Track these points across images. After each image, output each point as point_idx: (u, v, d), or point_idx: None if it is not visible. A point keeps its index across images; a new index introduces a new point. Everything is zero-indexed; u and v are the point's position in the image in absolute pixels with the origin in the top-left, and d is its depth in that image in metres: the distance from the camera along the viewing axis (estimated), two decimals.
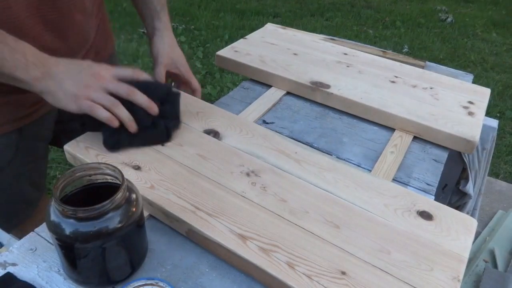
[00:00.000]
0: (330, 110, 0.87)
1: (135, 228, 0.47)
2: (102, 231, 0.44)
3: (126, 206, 0.46)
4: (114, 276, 0.49)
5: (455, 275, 0.50)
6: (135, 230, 0.48)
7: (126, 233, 0.46)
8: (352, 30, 3.52)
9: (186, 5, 3.73)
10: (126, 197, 0.46)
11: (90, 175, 0.48)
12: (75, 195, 0.48)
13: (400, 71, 0.95)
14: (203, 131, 0.71)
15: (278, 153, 0.68)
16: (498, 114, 2.50)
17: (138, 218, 0.48)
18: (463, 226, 0.57)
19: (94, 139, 0.66)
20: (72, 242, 0.44)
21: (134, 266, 0.51)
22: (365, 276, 0.49)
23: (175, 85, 0.87)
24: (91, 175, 0.49)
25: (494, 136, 0.95)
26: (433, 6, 4.17)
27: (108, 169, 0.48)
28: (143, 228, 0.51)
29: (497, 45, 3.44)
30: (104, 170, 0.48)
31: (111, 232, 0.44)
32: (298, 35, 1.09)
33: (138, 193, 0.49)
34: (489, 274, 1.31)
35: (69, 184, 0.47)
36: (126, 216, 0.45)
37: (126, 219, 0.45)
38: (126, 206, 0.46)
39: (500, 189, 1.88)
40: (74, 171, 0.47)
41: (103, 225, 0.44)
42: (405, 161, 0.74)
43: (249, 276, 0.52)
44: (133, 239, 0.49)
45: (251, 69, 0.94)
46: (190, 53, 2.92)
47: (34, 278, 0.50)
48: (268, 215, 0.56)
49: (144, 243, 0.53)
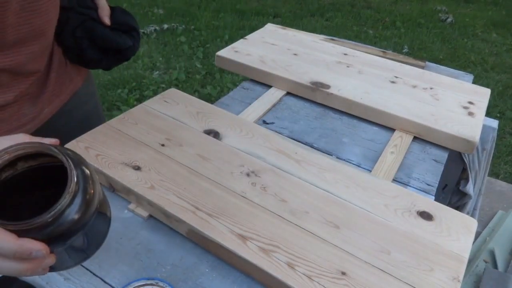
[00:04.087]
0: (330, 110, 0.87)
1: (97, 214, 0.36)
2: (57, 236, 0.33)
3: (81, 194, 0.34)
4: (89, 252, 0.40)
5: (455, 275, 0.50)
6: (98, 214, 0.37)
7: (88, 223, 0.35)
8: (352, 31, 3.52)
9: (186, 5, 3.73)
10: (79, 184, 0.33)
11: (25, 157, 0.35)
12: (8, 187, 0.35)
13: (400, 71, 0.95)
14: (203, 131, 0.71)
15: (278, 154, 0.68)
16: (498, 115, 2.50)
17: (100, 200, 0.36)
18: (463, 226, 0.57)
19: (94, 139, 0.66)
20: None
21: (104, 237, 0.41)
22: (365, 276, 0.49)
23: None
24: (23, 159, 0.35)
25: (494, 137, 0.95)
26: (433, 6, 4.17)
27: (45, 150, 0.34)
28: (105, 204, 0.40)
29: (497, 45, 3.44)
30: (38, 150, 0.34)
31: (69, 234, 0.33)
32: (298, 35, 1.09)
33: (90, 166, 0.36)
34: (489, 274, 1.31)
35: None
36: (83, 205, 0.34)
37: (85, 209, 0.34)
38: (81, 194, 0.34)
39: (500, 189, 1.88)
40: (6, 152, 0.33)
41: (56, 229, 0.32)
42: (405, 161, 0.74)
43: (249, 276, 0.52)
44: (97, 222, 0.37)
45: (251, 69, 0.94)
46: (190, 53, 2.93)
47: (34, 278, 0.50)
48: (268, 215, 0.56)
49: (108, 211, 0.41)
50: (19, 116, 0.66)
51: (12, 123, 0.66)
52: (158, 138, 0.69)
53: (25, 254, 0.30)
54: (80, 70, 0.77)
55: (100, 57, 0.72)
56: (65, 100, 0.74)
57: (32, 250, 0.31)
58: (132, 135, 0.69)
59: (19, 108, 0.66)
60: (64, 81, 0.73)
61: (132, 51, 0.74)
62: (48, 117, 0.71)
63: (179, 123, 0.73)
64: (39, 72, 0.66)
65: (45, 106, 0.70)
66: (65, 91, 0.74)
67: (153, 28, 3.18)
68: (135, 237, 0.56)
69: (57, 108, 0.73)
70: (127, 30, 0.73)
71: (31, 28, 0.58)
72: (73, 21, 0.68)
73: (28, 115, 0.67)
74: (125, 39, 0.72)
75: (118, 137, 0.68)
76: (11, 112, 0.65)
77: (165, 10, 3.59)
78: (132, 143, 0.67)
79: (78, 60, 0.73)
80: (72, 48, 0.70)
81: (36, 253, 0.31)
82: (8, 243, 0.30)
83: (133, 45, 0.73)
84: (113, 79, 2.52)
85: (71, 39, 0.69)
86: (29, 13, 0.57)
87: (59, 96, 0.73)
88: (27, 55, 0.60)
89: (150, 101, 0.78)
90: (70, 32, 0.69)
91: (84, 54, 0.71)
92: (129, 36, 0.73)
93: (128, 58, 0.76)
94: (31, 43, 0.60)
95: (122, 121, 0.72)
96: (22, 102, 0.66)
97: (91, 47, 0.70)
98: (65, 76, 0.73)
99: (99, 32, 0.69)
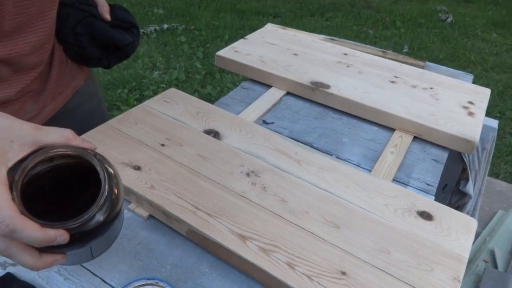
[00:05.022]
0: (330, 110, 0.87)
1: (118, 214, 0.39)
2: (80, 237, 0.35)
3: (109, 201, 0.36)
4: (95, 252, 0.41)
5: (455, 275, 0.50)
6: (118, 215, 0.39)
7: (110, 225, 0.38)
8: (352, 30, 3.52)
9: (186, 5, 3.73)
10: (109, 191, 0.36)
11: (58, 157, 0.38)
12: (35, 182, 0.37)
13: (400, 71, 0.95)
14: (203, 131, 0.71)
15: (278, 153, 0.68)
16: (498, 114, 2.50)
17: (121, 205, 0.39)
18: (463, 226, 0.57)
19: (94, 139, 0.66)
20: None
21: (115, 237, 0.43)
22: (365, 276, 0.49)
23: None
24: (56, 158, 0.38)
25: (494, 136, 0.95)
26: (433, 6, 4.17)
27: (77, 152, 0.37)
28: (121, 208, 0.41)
29: (497, 45, 3.44)
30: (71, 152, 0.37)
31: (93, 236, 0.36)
32: (298, 35, 1.09)
33: (115, 169, 0.39)
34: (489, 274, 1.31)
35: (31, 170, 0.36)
36: (111, 206, 0.37)
37: (110, 211, 0.37)
38: (109, 201, 0.36)
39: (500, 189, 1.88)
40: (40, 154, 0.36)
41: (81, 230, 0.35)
42: (405, 161, 0.74)
43: (249, 277, 0.52)
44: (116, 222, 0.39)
45: (251, 69, 0.94)
46: (190, 53, 2.93)
47: (34, 278, 0.50)
48: (268, 215, 0.56)
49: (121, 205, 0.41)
50: (22, 113, 0.67)
51: None
52: (158, 138, 0.69)
53: (50, 241, 0.33)
54: (81, 69, 0.78)
55: (100, 55, 0.73)
56: (67, 98, 0.75)
57: (57, 236, 0.33)
58: (132, 135, 0.69)
59: (22, 105, 0.66)
60: (66, 79, 0.74)
61: (132, 48, 0.75)
62: (50, 114, 0.72)
63: (179, 123, 0.73)
64: (39, 67, 0.66)
65: (48, 103, 0.70)
66: (67, 89, 0.74)
67: (153, 28, 3.19)
68: (135, 237, 0.56)
69: (60, 105, 0.73)
70: (127, 27, 0.73)
71: (27, 17, 0.59)
72: (73, 17, 0.69)
73: (31, 113, 0.68)
74: (125, 36, 0.72)
75: (118, 137, 0.68)
76: (14, 109, 0.65)
77: (165, 10, 3.59)
78: (132, 143, 0.67)
79: (78, 58, 0.73)
80: (72, 45, 0.70)
81: (59, 239, 0.34)
82: (36, 232, 0.33)
83: (133, 42, 0.74)
84: (113, 79, 2.52)
85: (71, 35, 0.69)
86: (25, 1, 0.57)
87: (61, 93, 0.73)
88: (25, 45, 0.61)
89: (150, 101, 0.78)
90: (70, 29, 0.69)
91: (84, 51, 0.71)
92: (129, 33, 0.74)
93: (128, 55, 0.76)
94: (27, 33, 0.60)
95: (122, 121, 0.72)
96: (25, 100, 0.67)
97: (91, 44, 0.71)
98: (67, 74, 0.74)
99: (99, 28, 0.70)
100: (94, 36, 0.70)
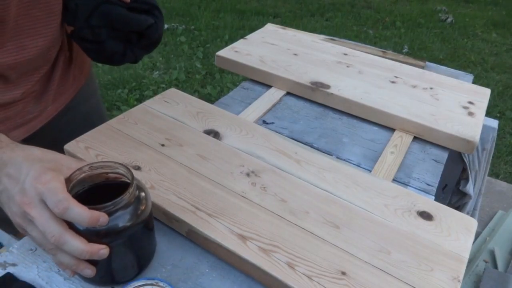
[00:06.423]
0: (330, 110, 0.87)
1: (143, 228, 0.47)
2: (110, 230, 0.43)
3: (135, 204, 0.45)
4: (118, 276, 0.49)
5: (455, 275, 0.50)
6: (144, 230, 0.47)
7: (135, 233, 0.45)
8: (352, 30, 3.52)
9: (186, 5, 3.73)
10: (135, 195, 0.45)
11: (103, 173, 0.47)
12: (82, 194, 0.46)
13: (400, 71, 0.95)
14: (203, 131, 0.71)
15: (278, 153, 0.68)
16: (498, 114, 2.50)
17: (147, 218, 0.47)
18: (463, 226, 0.57)
19: (94, 139, 0.66)
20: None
21: (139, 268, 0.50)
22: (365, 276, 0.49)
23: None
24: (100, 174, 0.47)
25: (494, 136, 0.95)
26: (433, 6, 4.18)
27: (119, 168, 0.46)
28: (152, 229, 0.51)
29: (497, 45, 3.44)
30: (116, 169, 0.47)
31: (119, 231, 0.44)
32: (298, 35, 1.09)
33: (147, 192, 0.48)
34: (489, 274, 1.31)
35: (80, 182, 0.46)
36: (135, 215, 0.45)
37: (135, 218, 0.45)
38: (135, 205, 0.45)
39: (500, 189, 1.88)
40: (91, 167, 0.46)
41: (112, 224, 0.43)
42: (405, 161, 0.74)
43: (249, 277, 0.52)
44: (141, 239, 0.48)
45: (251, 69, 0.94)
46: (190, 53, 2.93)
47: (34, 278, 0.50)
48: (268, 215, 0.56)
49: (152, 245, 0.52)
50: (24, 114, 0.67)
51: (17, 121, 0.66)
52: (158, 138, 0.69)
53: (96, 219, 0.40)
54: (83, 69, 0.78)
55: (123, 48, 0.66)
56: (68, 99, 0.75)
57: (100, 215, 0.41)
58: (132, 135, 0.69)
59: (24, 106, 0.66)
60: (68, 80, 0.73)
61: (156, 30, 0.66)
62: (51, 115, 0.72)
63: (179, 123, 0.73)
64: (44, 68, 0.66)
65: (49, 104, 0.70)
66: (68, 90, 0.74)
67: None
68: None
69: (61, 106, 0.73)
70: (147, 10, 0.65)
71: (34, 19, 0.58)
72: (83, 7, 0.61)
73: (32, 113, 0.68)
74: (146, 18, 0.64)
75: (118, 137, 0.68)
76: (17, 110, 0.65)
77: (165, 10, 3.59)
78: (132, 143, 0.67)
79: (100, 57, 0.66)
80: (90, 41, 0.63)
81: (102, 219, 0.41)
82: (84, 211, 0.40)
83: (156, 24, 0.66)
84: (113, 79, 2.52)
85: (86, 30, 0.62)
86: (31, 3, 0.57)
87: (63, 94, 0.73)
88: (33, 49, 0.60)
89: (150, 101, 0.78)
90: (83, 22, 0.61)
91: (105, 46, 0.64)
92: (150, 16, 0.66)
93: (153, 41, 0.68)
94: (36, 37, 0.60)
95: (122, 121, 0.72)
96: (27, 100, 0.66)
97: (111, 37, 0.63)
98: (69, 75, 0.74)
99: (117, 15, 0.61)
100: (113, 25, 0.62)
